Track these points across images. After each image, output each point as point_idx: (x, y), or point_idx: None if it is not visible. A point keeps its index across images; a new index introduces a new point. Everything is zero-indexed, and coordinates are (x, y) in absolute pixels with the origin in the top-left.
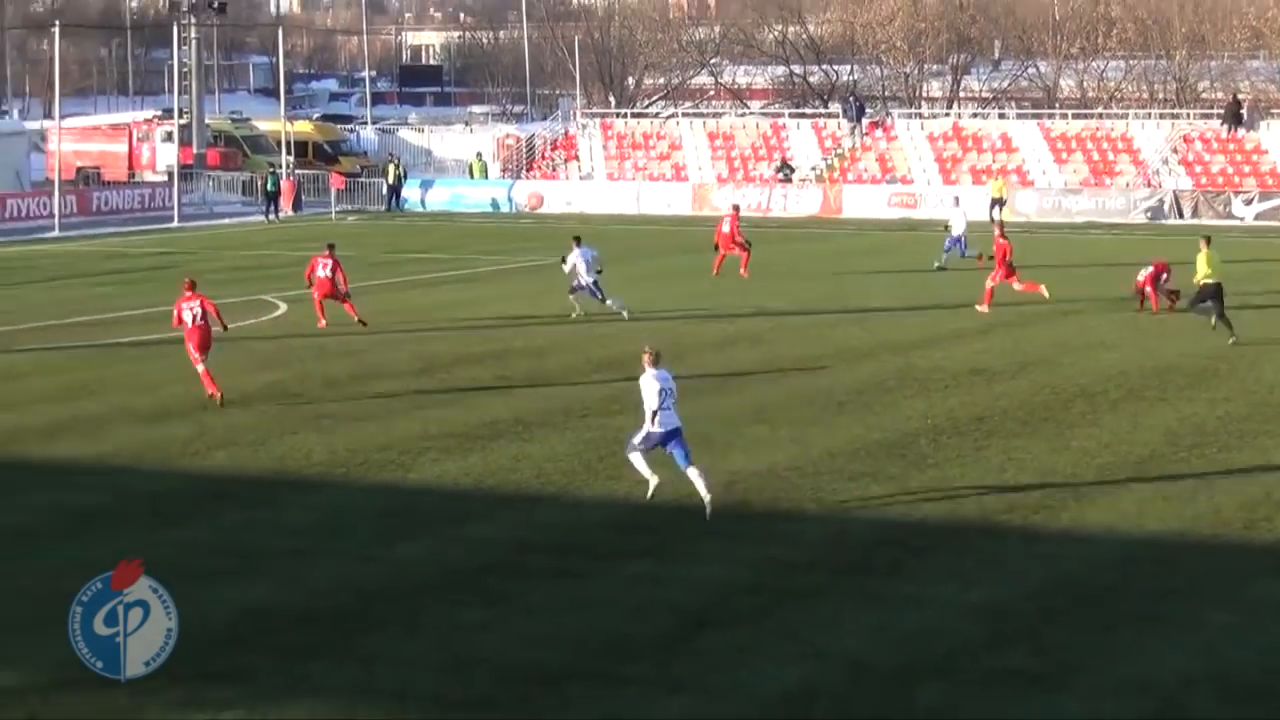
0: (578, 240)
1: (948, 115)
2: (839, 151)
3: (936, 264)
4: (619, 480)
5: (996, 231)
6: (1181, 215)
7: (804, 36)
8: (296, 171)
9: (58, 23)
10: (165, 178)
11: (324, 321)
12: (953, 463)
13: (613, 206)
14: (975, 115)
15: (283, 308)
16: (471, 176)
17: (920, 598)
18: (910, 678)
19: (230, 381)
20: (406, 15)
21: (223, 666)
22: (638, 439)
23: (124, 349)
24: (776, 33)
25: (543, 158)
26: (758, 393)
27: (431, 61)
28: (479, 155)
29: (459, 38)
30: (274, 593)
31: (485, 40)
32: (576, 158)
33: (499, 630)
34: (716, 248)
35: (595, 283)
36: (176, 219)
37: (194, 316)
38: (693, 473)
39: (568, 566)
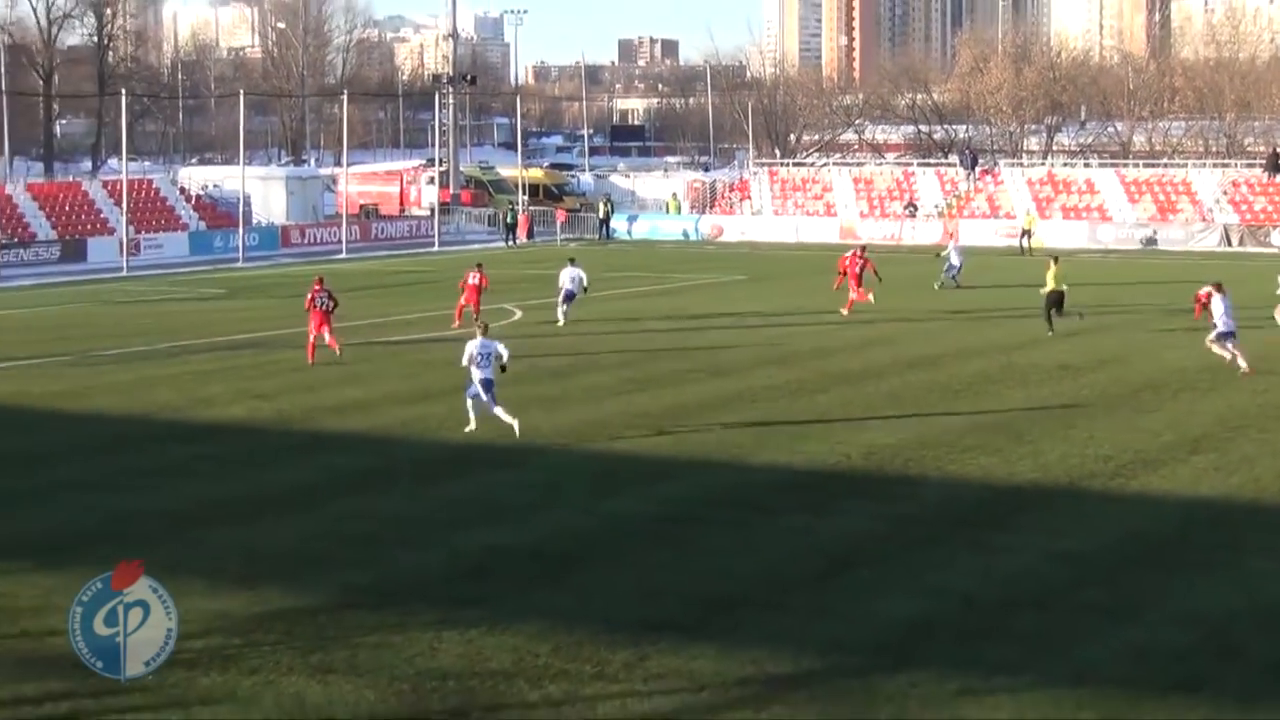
0: (572, 260)
1: (1043, 164)
2: (956, 194)
3: (936, 284)
4: (780, 451)
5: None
6: (1230, 244)
7: (929, 102)
8: (530, 208)
9: (346, 92)
10: (428, 212)
11: (458, 322)
12: (1045, 439)
13: (776, 236)
14: (1065, 165)
15: (518, 314)
16: (667, 212)
17: (1018, 546)
18: (1009, 609)
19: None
20: (617, 85)
21: (471, 593)
22: (469, 389)
23: (393, 345)
24: (907, 99)
25: (722, 197)
26: (891, 383)
27: (636, 122)
28: (674, 195)
29: (658, 103)
30: (510, 536)
31: (678, 105)
32: (749, 198)
33: (684, 567)
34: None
35: (569, 295)
36: (436, 245)
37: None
38: (498, 410)
39: (739, 518)
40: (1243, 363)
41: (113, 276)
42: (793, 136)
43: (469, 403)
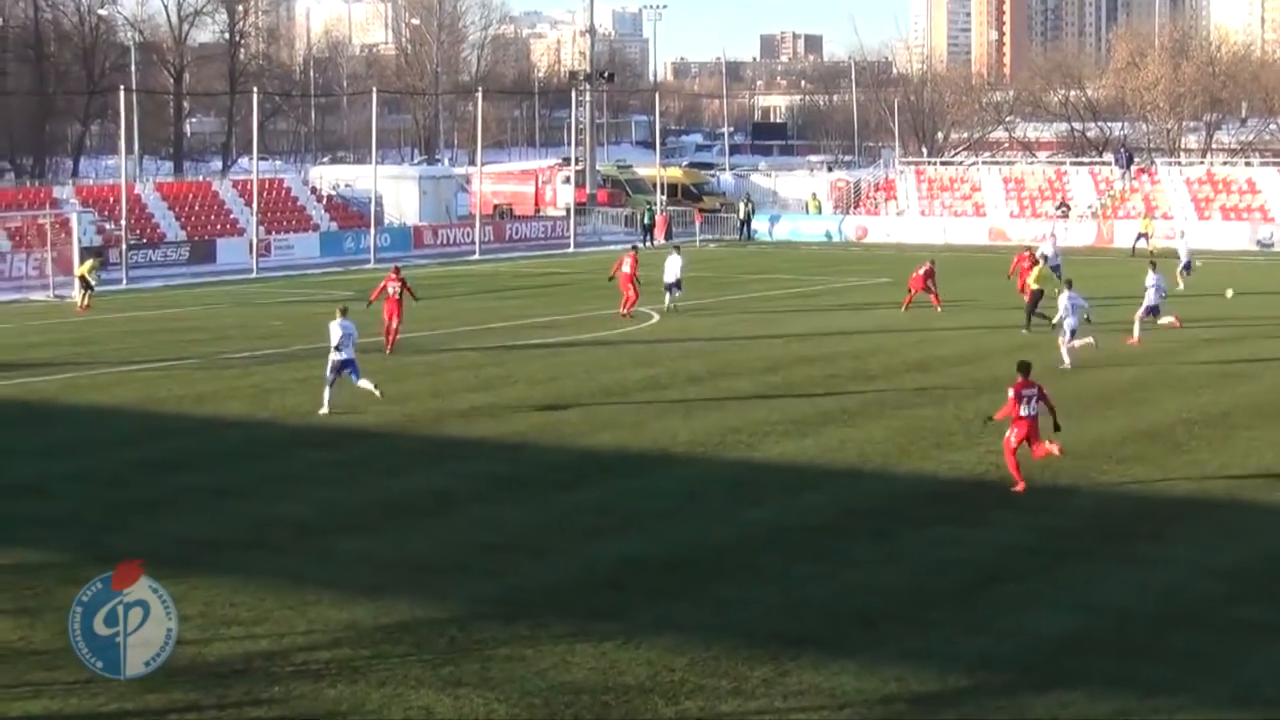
0: (676, 248)
1: (1202, 163)
2: (1111, 193)
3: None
4: (927, 460)
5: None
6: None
7: (1083, 99)
8: (668, 208)
9: (481, 89)
10: (564, 212)
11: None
12: (1203, 448)
13: (923, 238)
14: (1225, 164)
15: (655, 317)
16: (808, 212)
17: (1173, 559)
18: (1165, 626)
19: (611, 377)
20: (758, 82)
21: (605, 605)
22: (328, 370)
23: (528, 349)
24: (1060, 96)
25: (867, 197)
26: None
27: (778, 119)
28: (814, 195)
29: (800, 100)
30: (646, 546)
31: (822, 102)
32: (895, 197)
33: (826, 580)
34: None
35: (672, 284)
36: (572, 246)
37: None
38: (363, 383)
39: (883, 529)
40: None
41: (242, 278)
42: (940, 134)
43: (327, 387)
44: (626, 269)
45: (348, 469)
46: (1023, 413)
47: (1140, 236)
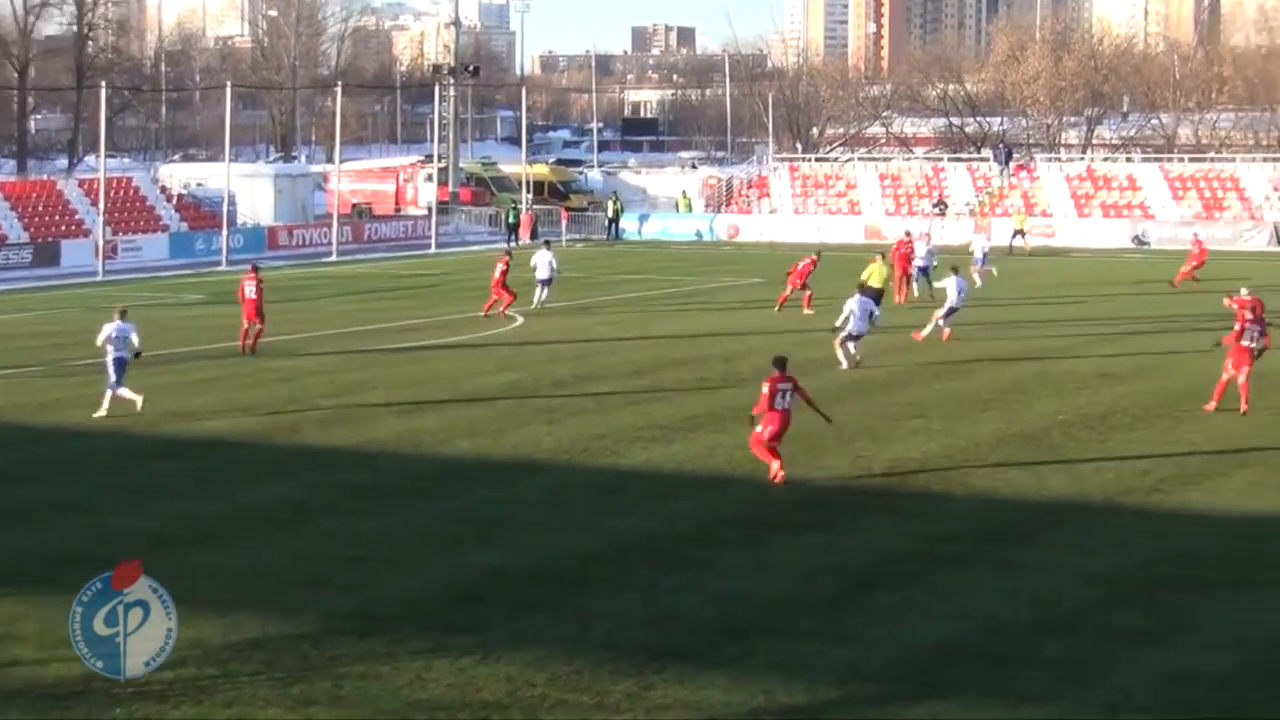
0: (546, 243)
1: (1082, 159)
2: (989, 190)
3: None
4: (798, 465)
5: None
6: None
7: (962, 93)
8: (534, 206)
9: (340, 84)
10: (425, 212)
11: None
12: (1080, 452)
13: (797, 236)
14: (1106, 159)
15: (520, 320)
16: (679, 211)
17: (1049, 565)
18: (1039, 634)
19: (474, 382)
20: (629, 76)
21: (464, 619)
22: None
23: (388, 353)
24: (938, 90)
25: (740, 195)
26: (917, 392)
27: (649, 115)
28: (684, 193)
29: (672, 95)
30: (507, 557)
31: (694, 97)
32: (768, 195)
33: (694, 590)
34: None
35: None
36: (434, 246)
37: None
38: (123, 390)
39: (753, 536)
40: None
41: (88, 281)
42: (815, 130)
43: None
44: (497, 274)
45: (199, 480)
46: (776, 406)
47: (1016, 234)
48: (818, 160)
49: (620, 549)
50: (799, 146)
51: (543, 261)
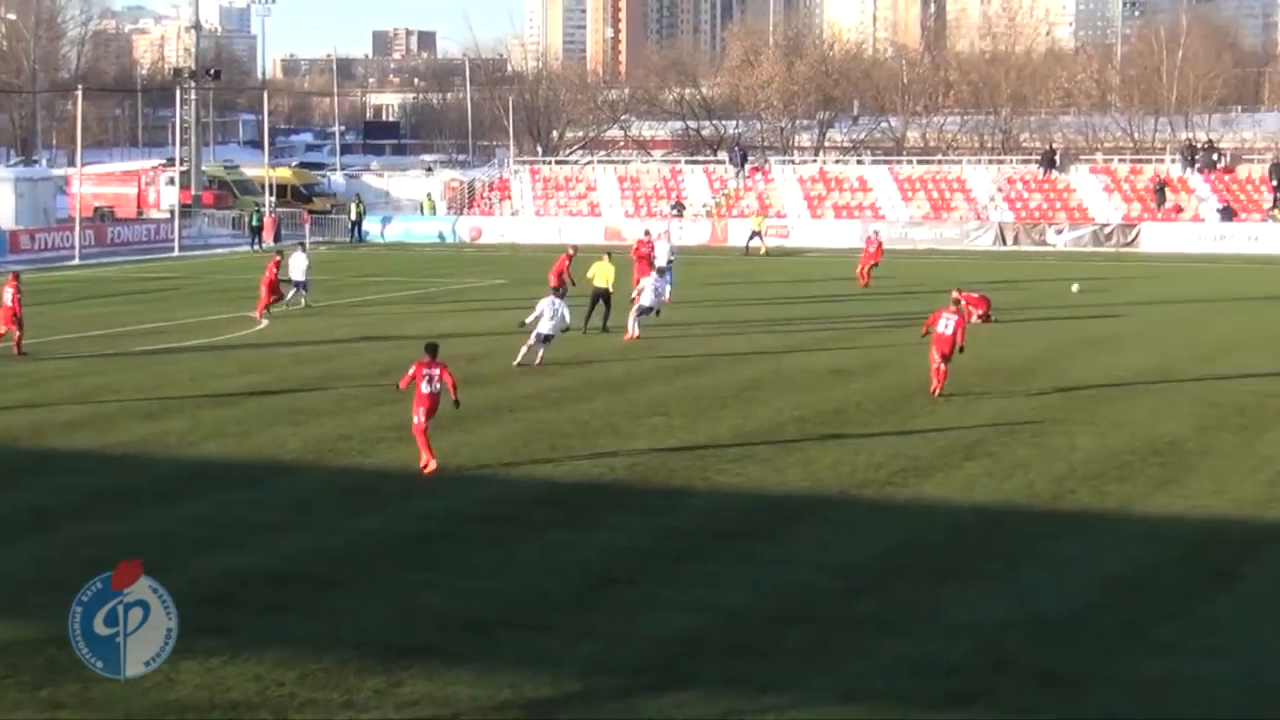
0: (301, 246)
1: (815, 161)
2: (725, 192)
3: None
4: (541, 463)
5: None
6: (1005, 243)
7: (697, 97)
8: (277, 209)
9: (80, 87)
10: (168, 215)
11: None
12: (815, 447)
13: (539, 238)
14: (838, 161)
15: (264, 322)
16: (422, 213)
17: (788, 558)
18: (778, 625)
19: (219, 384)
20: (370, 80)
21: (210, 621)
22: None
23: (132, 357)
24: (675, 94)
25: (482, 197)
26: (657, 390)
27: (391, 118)
28: (428, 195)
29: (414, 98)
30: (254, 559)
31: (435, 100)
32: (509, 197)
33: (441, 588)
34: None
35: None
36: (177, 249)
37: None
38: None
39: (498, 534)
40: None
41: None
42: (555, 133)
43: None
44: (268, 275)
45: None
46: (424, 390)
47: (753, 235)
48: (558, 163)
49: (367, 549)
50: (539, 149)
51: (297, 265)
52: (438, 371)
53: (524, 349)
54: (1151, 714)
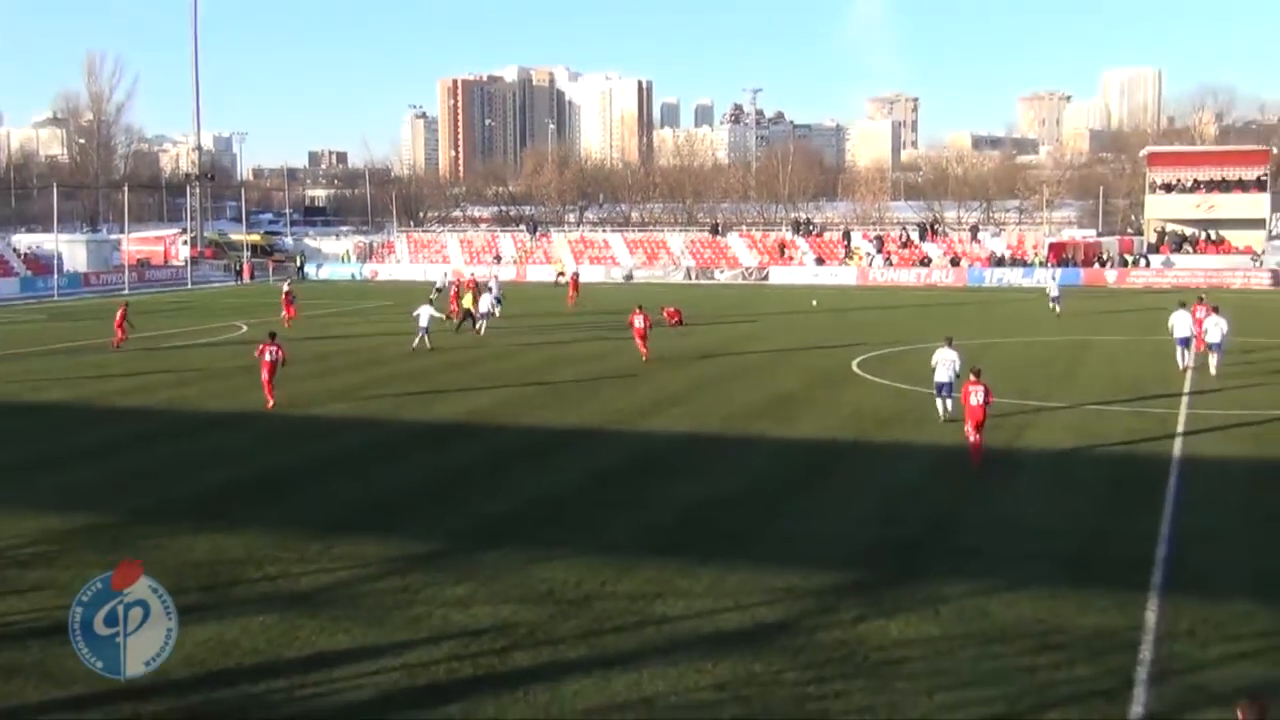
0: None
1: (577, 230)
2: (524, 248)
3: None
4: (415, 413)
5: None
6: (691, 278)
7: (507, 192)
8: (251, 259)
9: (127, 185)
10: (183, 263)
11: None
12: (584, 399)
13: (412, 276)
14: (591, 230)
15: (244, 327)
16: (343, 261)
17: (568, 467)
18: (561, 504)
19: (223, 365)
20: (308, 180)
21: (216, 511)
22: None
23: (158, 351)
24: (493, 190)
25: (377, 252)
26: (486, 370)
27: (320, 204)
28: (346, 251)
29: (335, 192)
30: (242, 472)
31: (348, 193)
32: (394, 251)
33: (354, 489)
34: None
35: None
36: (189, 284)
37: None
38: None
39: (389, 455)
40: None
41: None
42: (421, 213)
43: None
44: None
45: None
46: (267, 359)
47: (559, 275)
48: (423, 231)
49: (308, 465)
50: (411, 223)
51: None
52: (275, 348)
53: (416, 340)
54: (780, 555)
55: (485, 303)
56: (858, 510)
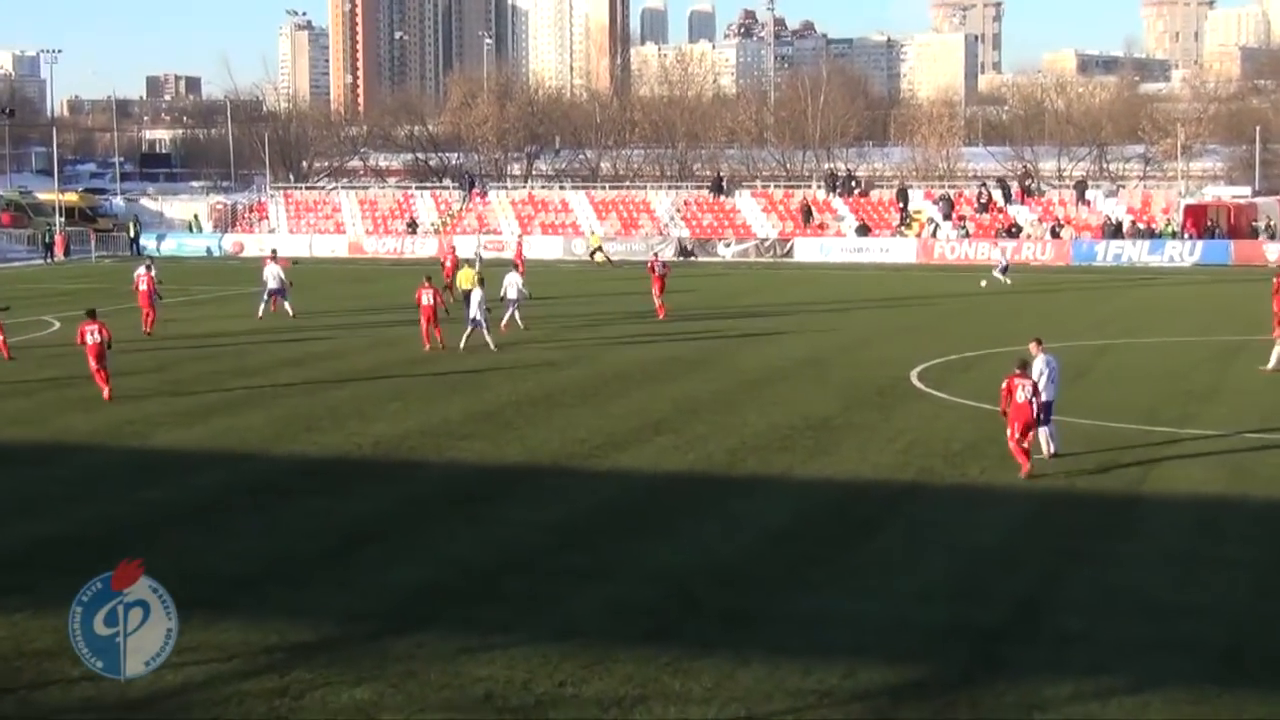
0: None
1: (524, 187)
2: (450, 213)
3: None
4: (298, 442)
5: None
6: (684, 255)
7: (425, 133)
8: (66, 228)
9: None
10: None
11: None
12: (530, 425)
13: (293, 251)
14: (543, 187)
15: (56, 325)
16: (191, 231)
17: (509, 519)
18: (503, 574)
19: (18, 376)
20: (145, 118)
21: (14, 581)
22: None
23: None
24: (406, 130)
25: (243, 218)
26: (395, 381)
27: (163, 150)
28: (195, 216)
29: (183, 134)
30: (52, 527)
31: (202, 135)
32: (267, 217)
33: (214, 550)
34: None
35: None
36: None
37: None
38: None
39: (262, 503)
40: None
41: None
42: (305, 163)
43: None
44: (144, 287)
45: None
46: (89, 341)
47: (595, 249)
48: (307, 189)
49: (151, 517)
50: (291, 177)
51: (271, 274)
52: (96, 327)
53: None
54: (810, 644)
55: (511, 288)
56: (920, 581)
